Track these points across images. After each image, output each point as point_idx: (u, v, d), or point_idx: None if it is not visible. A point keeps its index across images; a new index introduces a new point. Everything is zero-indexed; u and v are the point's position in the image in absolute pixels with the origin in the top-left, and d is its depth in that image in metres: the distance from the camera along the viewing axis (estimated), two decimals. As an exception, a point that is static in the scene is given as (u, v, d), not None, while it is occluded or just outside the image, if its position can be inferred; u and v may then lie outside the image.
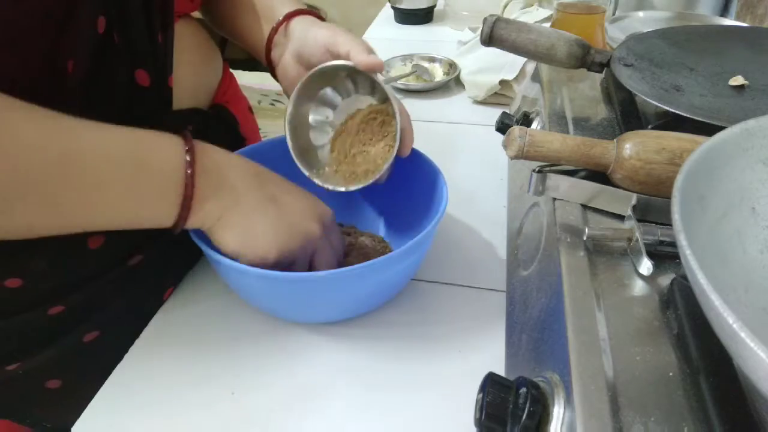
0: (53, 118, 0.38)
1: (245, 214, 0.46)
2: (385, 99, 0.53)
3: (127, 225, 0.44)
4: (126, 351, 0.52)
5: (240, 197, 0.46)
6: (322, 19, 0.59)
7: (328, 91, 0.56)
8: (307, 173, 0.55)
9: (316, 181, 0.54)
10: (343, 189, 0.54)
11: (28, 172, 0.36)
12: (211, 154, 0.45)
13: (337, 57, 0.52)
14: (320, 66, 0.52)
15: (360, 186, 0.53)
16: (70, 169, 0.38)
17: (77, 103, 0.43)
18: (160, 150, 0.42)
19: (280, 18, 0.58)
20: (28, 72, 0.42)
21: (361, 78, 0.54)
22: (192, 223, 0.45)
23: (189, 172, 0.42)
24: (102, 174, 0.39)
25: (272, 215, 0.47)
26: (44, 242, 0.47)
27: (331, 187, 0.54)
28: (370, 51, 0.51)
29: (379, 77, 0.50)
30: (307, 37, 0.55)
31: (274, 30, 0.59)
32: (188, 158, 0.42)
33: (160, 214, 0.44)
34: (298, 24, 0.58)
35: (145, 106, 0.51)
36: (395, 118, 0.50)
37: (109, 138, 0.40)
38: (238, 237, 0.46)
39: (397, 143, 0.50)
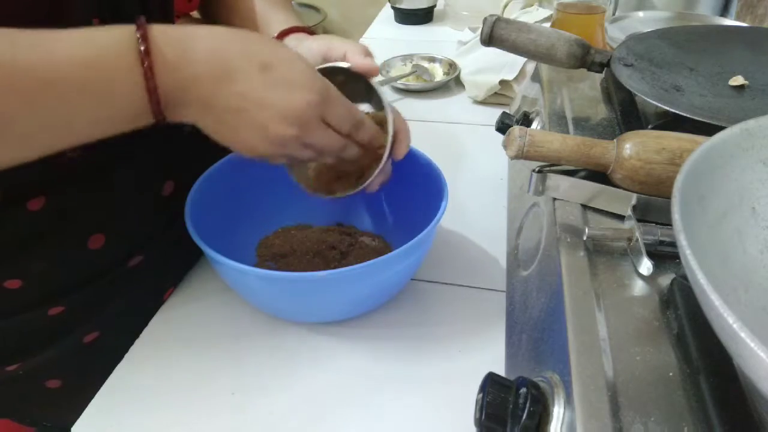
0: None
1: (213, 127, 0.42)
2: (381, 106, 0.53)
3: (97, 131, 0.39)
4: (126, 351, 0.52)
5: (204, 113, 0.41)
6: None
7: None
8: (294, 177, 0.54)
9: (301, 185, 0.54)
10: (325, 197, 0.53)
11: None
12: (164, 43, 0.39)
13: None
14: (317, 67, 0.51)
15: (342, 195, 0.53)
16: (13, 79, 0.34)
17: None
18: (110, 43, 0.38)
19: (274, 35, 0.57)
20: None
21: (358, 84, 0.54)
22: (173, 115, 0.40)
23: (146, 64, 0.37)
24: (49, 78, 0.35)
25: (238, 127, 0.42)
26: (45, 243, 0.47)
27: (311, 193, 0.54)
28: (367, 54, 0.50)
29: (376, 82, 0.50)
30: (300, 48, 0.54)
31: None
32: (142, 47, 0.37)
33: (131, 113, 0.39)
34: (291, 40, 0.56)
35: None
36: (388, 126, 0.49)
37: (55, 41, 0.36)
38: (242, 145, 0.42)
39: (387, 153, 0.49)
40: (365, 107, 0.56)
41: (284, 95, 0.41)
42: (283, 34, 0.57)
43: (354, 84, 0.53)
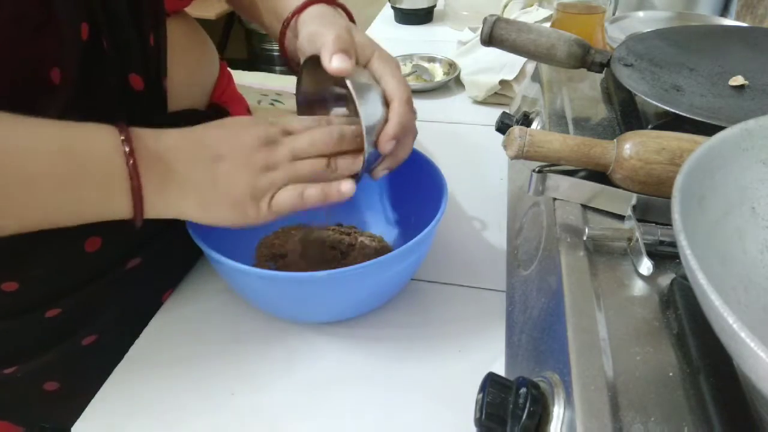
0: None
1: (201, 194, 0.44)
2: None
3: (77, 220, 0.42)
4: (125, 354, 0.52)
5: (188, 182, 0.43)
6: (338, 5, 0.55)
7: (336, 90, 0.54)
8: None
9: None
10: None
11: None
12: (145, 138, 0.42)
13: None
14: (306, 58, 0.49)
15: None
16: None
17: (70, 113, 0.43)
18: (95, 141, 0.40)
19: (288, 15, 0.55)
20: (7, 81, 0.41)
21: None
22: (151, 214, 0.43)
23: (131, 162, 0.40)
24: (31, 170, 0.38)
25: (224, 177, 0.44)
26: (41, 246, 0.47)
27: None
28: (344, 50, 0.46)
29: (349, 82, 0.45)
30: (302, 33, 0.52)
31: (285, 27, 0.56)
32: (126, 148, 0.40)
33: (112, 208, 0.42)
34: (304, 20, 0.53)
35: (140, 110, 0.50)
36: (362, 123, 0.45)
37: (38, 132, 0.38)
38: (210, 217, 0.45)
39: (365, 152, 0.46)
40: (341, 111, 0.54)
41: (245, 133, 0.45)
42: (297, 12, 0.54)
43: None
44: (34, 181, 0.38)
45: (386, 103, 0.48)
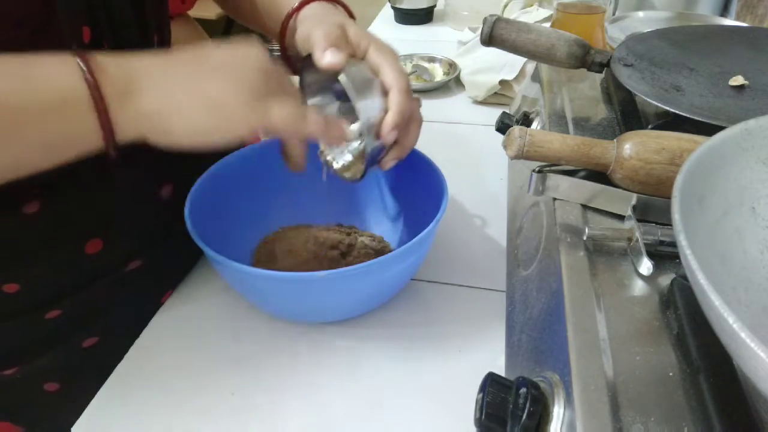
0: None
1: (181, 89, 0.38)
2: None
3: (50, 156, 0.38)
4: (125, 355, 0.52)
5: (164, 79, 0.38)
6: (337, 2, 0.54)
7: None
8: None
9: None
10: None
11: None
12: (105, 58, 0.38)
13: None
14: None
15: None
16: None
17: None
18: (55, 70, 0.37)
19: (285, 17, 0.55)
20: None
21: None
22: (124, 133, 0.38)
23: (89, 77, 0.36)
24: None
25: (211, 71, 0.39)
26: (42, 247, 0.47)
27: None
28: (334, 45, 0.46)
29: (343, 76, 0.45)
30: (297, 37, 0.52)
31: (284, 28, 0.56)
32: (84, 67, 0.36)
33: (79, 132, 0.37)
34: (300, 20, 0.54)
35: None
36: (359, 116, 0.45)
37: None
38: (194, 121, 0.38)
39: (366, 146, 0.46)
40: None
41: (239, 47, 0.41)
42: (301, 5, 0.54)
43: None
44: None
45: (386, 94, 0.47)
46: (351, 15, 0.55)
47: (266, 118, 0.40)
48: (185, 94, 0.38)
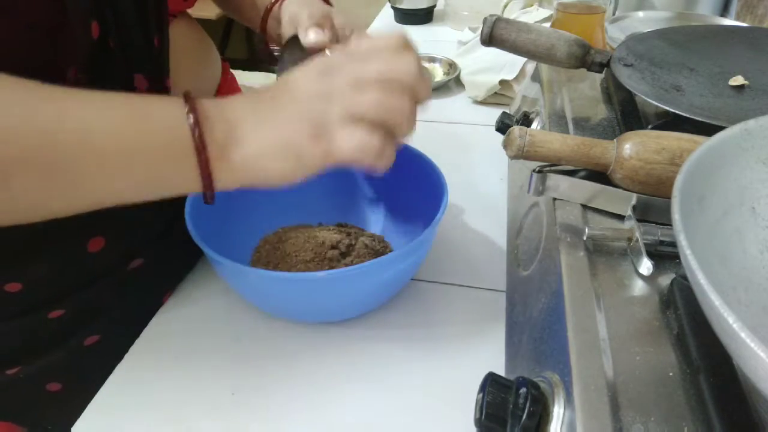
0: (44, 90, 0.34)
1: (261, 136, 0.38)
2: None
3: (147, 193, 0.38)
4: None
5: (247, 128, 0.38)
6: None
7: None
8: None
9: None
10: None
11: (17, 145, 0.33)
12: (207, 105, 0.38)
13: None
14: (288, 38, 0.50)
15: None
16: (63, 144, 0.34)
17: None
18: (162, 114, 0.37)
19: (269, 3, 0.56)
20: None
21: None
22: (223, 182, 0.38)
23: (196, 133, 0.36)
24: (100, 146, 0.35)
25: (279, 112, 0.38)
26: (45, 247, 0.47)
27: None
28: (319, 24, 0.46)
29: (328, 53, 0.43)
30: (284, 20, 0.54)
31: (266, 13, 0.57)
32: (191, 119, 0.36)
33: (181, 181, 0.38)
34: (285, 6, 0.55)
35: None
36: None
37: (105, 107, 0.36)
38: (277, 166, 0.38)
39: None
40: None
41: (306, 71, 0.39)
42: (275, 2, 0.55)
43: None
44: (104, 158, 0.35)
45: None
46: (328, 3, 0.57)
47: (338, 156, 0.37)
48: (270, 141, 0.38)
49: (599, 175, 0.44)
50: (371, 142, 0.37)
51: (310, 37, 0.45)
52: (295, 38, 0.49)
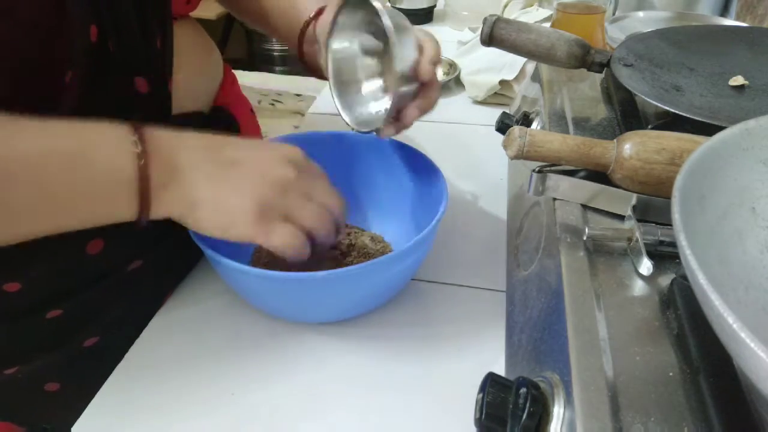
0: None
1: (210, 191, 0.43)
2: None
3: (82, 224, 0.41)
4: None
5: (198, 177, 0.42)
6: None
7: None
8: (338, 104, 0.54)
9: (344, 115, 0.54)
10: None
11: None
12: (159, 139, 0.42)
13: None
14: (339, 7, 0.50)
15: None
16: (6, 172, 0.36)
17: (75, 115, 0.43)
18: (107, 145, 0.40)
19: (307, 18, 0.56)
20: (19, 87, 0.41)
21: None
22: (156, 213, 0.42)
23: (141, 163, 0.39)
24: (43, 176, 0.37)
25: (236, 179, 0.43)
26: (43, 247, 0.47)
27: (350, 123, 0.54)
28: None
29: (383, 11, 0.46)
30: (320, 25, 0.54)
31: (302, 33, 0.57)
32: (138, 149, 0.39)
33: (118, 211, 0.41)
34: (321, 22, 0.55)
35: (145, 112, 0.50)
36: (394, 60, 0.46)
37: (49, 137, 0.38)
38: (213, 218, 0.43)
39: (396, 88, 0.47)
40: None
41: (273, 152, 0.45)
42: (321, 10, 0.56)
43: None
44: (47, 187, 0.37)
45: (419, 50, 0.49)
46: None
47: (267, 242, 0.44)
48: (212, 196, 0.43)
49: (599, 175, 0.44)
50: (298, 242, 0.45)
51: None
52: (348, 2, 0.49)
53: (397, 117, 0.50)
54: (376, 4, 0.47)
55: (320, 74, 0.58)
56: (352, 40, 0.54)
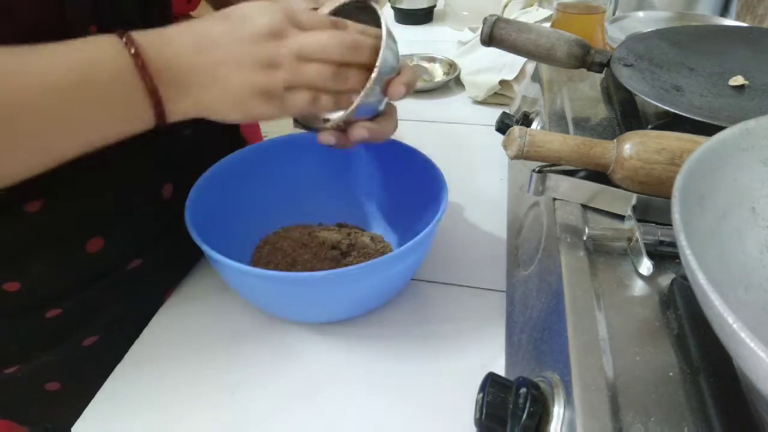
0: None
1: (204, 85, 0.41)
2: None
3: (104, 139, 0.40)
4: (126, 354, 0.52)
5: (193, 73, 0.41)
6: None
7: None
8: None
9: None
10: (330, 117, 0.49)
11: None
12: (147, 37, 0.40)
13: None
14: (333, 8, 0.49)
15: (333, 121, 0.48)
16: (14, 99, 0.35)
17: None
18: (103, 57, 0.38)
19: None
20: None
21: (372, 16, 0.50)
22: (174, 112, 0.41)
23: (139, 63, 0.38)
24: (52, 100, 0.36)
25: (226, 74, 0.41)
26: (43, 246, 0.47)
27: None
28: None
29: (380, 12, 0.46)
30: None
31: None
32: (132, 51, 0.38)
33: (136, 118, 0.40)
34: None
35: None
36: (382, 44, 0.45)
37: (50, 63, 0.37)
38: (225, 109, 0.42)
39: (375, 73, 0.44)
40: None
41: (250, 24, 0.42)
42: None
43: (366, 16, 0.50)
44: (58, 110, 0.37)
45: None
46: None
47: (286, 113, 0.43)
48: (221, 97, 0.41)
49: (599, 175, 0.44)
50: (313, 101, 0.43)
51: None
52: (345, 4, 0.48)
53: (344, 128, 0.48)
54: (377, 8, 0.46)
55: None
56: None
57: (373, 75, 0.44)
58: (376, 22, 0.48)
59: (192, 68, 0.40)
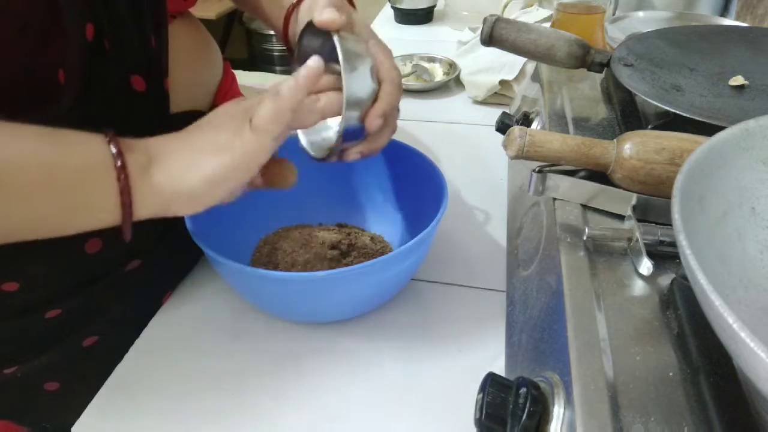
0: None
1: (185, 154, 0.40)
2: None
3: (65, 231, 0.40)
4: (125, 354, 0.52)
5: (171, 153, 0.40)
6: None
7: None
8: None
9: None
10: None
11: None
12: (131, 142, 0.40)
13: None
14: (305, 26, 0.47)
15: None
16: None
17: (72, 114, 0.43)
18: (84, 151, 0.38)
19: (290, 5, 0.54)
20: (14, 86, 0.41)
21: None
22: (141, 212, 0.39)
23: (119, 164, 0.37)
24: (19, 185, 0.35)
25: (208, 134, 0.41)
26: (42, 247, 0.47)
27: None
28: (336, 6, 0.45)
29: (336, 38, 0.43)
30: (302, 12, 0.52)
31: (289, 11, 0.55)
32: (114, 150, 0.37)
33: (102, 215, 0.39)
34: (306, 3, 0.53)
35: (143, 111, 0.50)
36: (343, 84, 0.43)
37: (26, 141, 0.36)
38: (210, 157, 0.40)
39: (344, 120, 0.43)
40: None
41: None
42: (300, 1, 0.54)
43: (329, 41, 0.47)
44: (22, 196, 0.36)
45: (377, 82, 0.46)
46: (352, 4, 0.55)
47: (254, 127, 0.40)
48: (193, 151, 0.40)
49: (599, 175, 0.44)
50: (279, 109, 0.41)
51: (324, 15, 0.43)
52: (310, 24, 0.46)
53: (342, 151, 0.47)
54: (335, 39, 0.43)
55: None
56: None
57: (343, 114, 0.43)
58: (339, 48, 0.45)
59: (174, 149, 0.40)
